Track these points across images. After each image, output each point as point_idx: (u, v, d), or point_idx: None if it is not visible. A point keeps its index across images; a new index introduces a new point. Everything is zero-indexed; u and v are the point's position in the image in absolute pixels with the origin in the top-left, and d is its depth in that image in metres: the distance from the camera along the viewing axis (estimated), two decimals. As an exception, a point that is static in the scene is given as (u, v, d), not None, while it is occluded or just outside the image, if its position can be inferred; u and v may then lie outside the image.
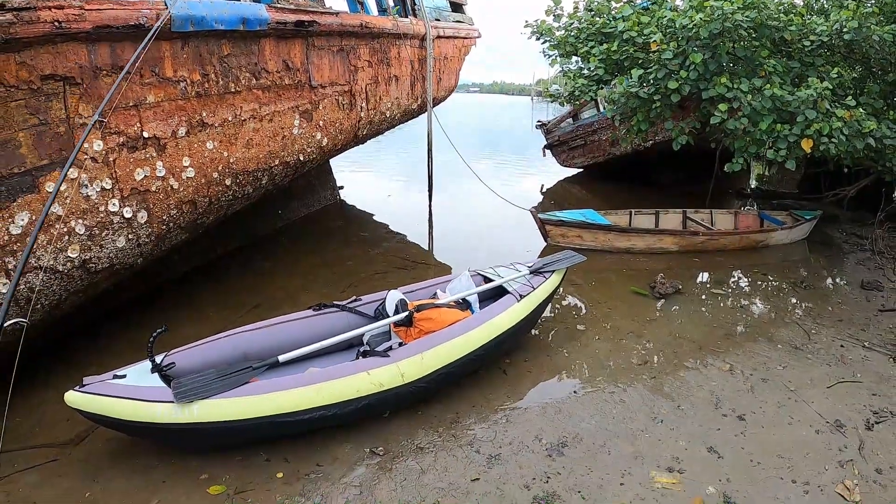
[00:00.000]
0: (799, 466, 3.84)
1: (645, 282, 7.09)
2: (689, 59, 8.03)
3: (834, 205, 10.39)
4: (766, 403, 4.58)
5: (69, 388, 3.54)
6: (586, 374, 5.04)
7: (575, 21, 10.38)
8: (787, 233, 8.91)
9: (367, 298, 5.00)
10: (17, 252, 3.82)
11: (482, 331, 4.46)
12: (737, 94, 7.83)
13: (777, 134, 7.65)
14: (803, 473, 3.78)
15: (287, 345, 4.27)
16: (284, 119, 5.87)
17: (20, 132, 3.75)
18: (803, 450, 4.02)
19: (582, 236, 8.34)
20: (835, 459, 3.93)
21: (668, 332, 5.85)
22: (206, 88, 4.93)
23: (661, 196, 11.42)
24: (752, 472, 3.78)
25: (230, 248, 7.67)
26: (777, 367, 5.17)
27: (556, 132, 14.33)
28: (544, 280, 5.34)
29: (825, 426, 4.30)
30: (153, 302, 6.07)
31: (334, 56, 6.42)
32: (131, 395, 3.45)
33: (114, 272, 4.62)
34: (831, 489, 3.64)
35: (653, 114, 8.71)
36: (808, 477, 3.74)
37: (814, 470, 3.81)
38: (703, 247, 8.50)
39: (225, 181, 5.33)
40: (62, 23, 3.76)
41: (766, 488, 3.63)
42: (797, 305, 6.68)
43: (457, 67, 10.63)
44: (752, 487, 3.63)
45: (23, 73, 3.68)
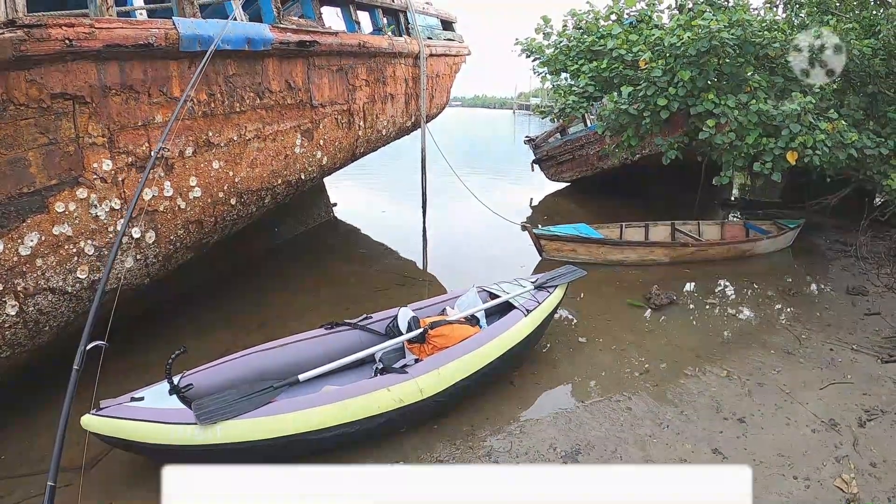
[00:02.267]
0: (799, 464, 4.02)
1: (639, 293, 7.20)
2: (677, 76, 8.20)
3: (817, 213, 10.60)
4: (764, 406, 4.75)
5: (77, 409, 3.48)
6: (592, 384, 5.13)
7: (564, 39, 10.52)
8: (772, 241, 9.10)
9: (377, 316, 5.03)
10: (26, 273, 3.77)
11: (494, 345, 4.53)
12: (724, 109, 8.03)
13: (763, 147, 7.85)
14: (803, 470, 3.96)
15: (302, 363, 4.28)
16: (287, 138, 5.89)
17: (30, 151, 3.73)
18: (802, 448, 4.20)
19: (576, 250, 8.44)
20: (832, 456, 4.13)
21: (666, 341, 5.98)
22: (213, 108, 4.94)
23: (648, 207, 11.59)
24: (757, 472, 3.93)
25: (229, 265, 7.63)
26: (772, 371, 5.34)
27: (544, 147, 14.48)
28: (548, 295, 5.42)
29: (821, 425, 4.49)
30: (155, 322, 6.00)
31: (334, 75, 6.46)
32: (152, 418, 3.42)
33: (121, 293, 4.57)
34: (830, 483, 3.84)
35: (642, 129, 8.88)
36: (807, 473, 3.94)
37: (813, 466, 4.00)
38: (692, 257, 8.65)
39: (230, 200, 5.32)
40: (73, 41, 3.76)
41: (770, 485, 3.80)
42: (786, 312, 6.84)
43: (448, 84, 10.72)
44: (757, 486, 3.77)
45: (33, 91, 3.67)
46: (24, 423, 4.27)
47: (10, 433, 4.19)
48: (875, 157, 7.84)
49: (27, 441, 4.11)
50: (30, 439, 4.12)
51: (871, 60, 8.28)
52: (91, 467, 3.85)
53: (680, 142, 9.12)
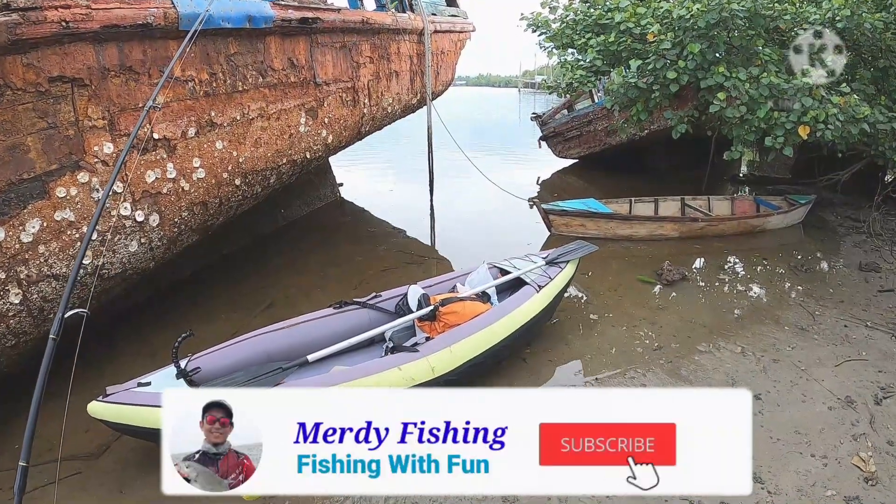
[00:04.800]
0: (816, 442, 3.98)
1: (649, 269, 7.13)
2: (686, 48, 8.05)
3: (828, 189, 10.47)
4: (780, 383, 4.70)
5: (85, 396, 3.47)
6: (605, 360, 5.09)
7: (570, 13, 10.33)
8: (783, 217, 9.00)
9: (386, 294, 4.95)
10: (28, 261, 3.72)
11: (506, 322, 4.47)
12: (735, 82, 7.86)
13: (775, 121, 7.71)
14: (820, 448, 3.92)
15: (310, 344, 4.21)
16: (291, 117, 5.79)
17: (28, 136, 3.64)
18: (818, 425, 4.16)
19: (585, 225, 8.38)
20: (848, 434, 4.08)
21: (678, 317, 5.92)
22: (215, 88, 4.84)
23: (657, 183, 11.45)
24: (774, 449, 3.91)
25: (235, 247, 7.58)
26: (786, 347, 5.28)
27: (551, 124, 14.30)
28: (560, 270, 5.34)
29: (837, 403, 4.44)
30: (161, 305, 5.96)
31: (337, 53, 6.34)
32: (159, 403, 3.37)
33: (126, 277, 4.53)
34: (848, 461, 3.81)
35: (651, 103, 8.71)
36: (825, 451, 3.89)
37: (830, 444, 3.96)
38: (702, 233, 8.57)
39: (235, 181, 5.24)
40: (69, 23, 3.66)
41: (788, 463, 3.77)
42: (799, 288, 6.77)
43: (453, 61, 10.58)
44: (775, 463, 3.76)
45: (30, 75, 3.58)
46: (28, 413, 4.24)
47: (20, 423, 4.16)
48: (887, 132, 7.69)
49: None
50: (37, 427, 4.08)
51: (882, 34, 8.09)
52: (100, 455, 3.84)
53: (690, 116, 8.96)
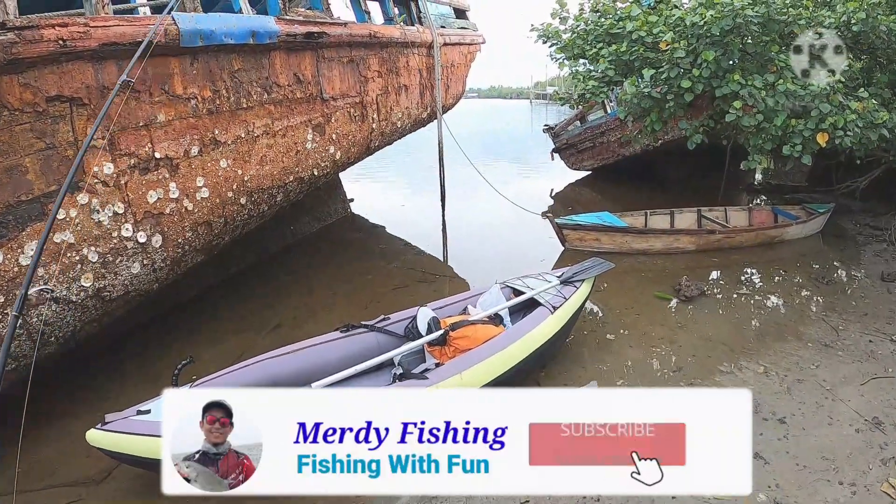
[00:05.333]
0: (843, 467, 3.81)
1: (666, 284, 6.97)
2: (700, 56, 7.94)
3: (846, 196, 10.26)
4: (805, 404, 4.52)
5: (87, 419, 3.44)
6: (623, 383, 4.94)
7: (581, 23, 10.26)
8: (801, 227, 8.81)
9: (395, 317, 4.81)
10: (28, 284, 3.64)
11: (519, 346, 4.30)
12: (751, 90, 7.75)
13: (792, 129, 7.58)
14: (849, 474, 3.75)
15: (317, 369, 4.08)
16: (297, 134, 5.71)
17: (26, 157, 3.60)
18: (845, 450, 3.98)
19: (600, 239, 8.22)
20: (877, 458, 3.90)
21: (697, 336, 5.74)
22: (218, 105, 4.77)
23: (671, 194, 11.29)
24: (800, 477, 3.73)
25: (243, 266, 7.50)
26: (810, 366, 5.09)
27: (563, 135, 14.19)
28: (575, 290, 5.18)
29: (864, 424, 4.26)
30: (167, 325, 5.87)
31: (344, 67, 6.27)
32: (158, 432, 3.25)
33: (129, 300, 4.45)
34: (877, 488, 3.63)
35: (666, 113, 8.62)
36: (853, 477, 3.72)
37: (858, 470, 3.79)
38: (719, 245, 8.39)
39: (240, 200, 5.16)
40: (66, 41, 3.62)
41: (815, 492, 3.60)
42: (820, 301, 6.58)
43: (464, 74, 10.51)
44: (802, 492, 3.59)
45: (27, 94, 3.54)
46: (31, 435, 4.16)
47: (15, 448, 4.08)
48: None
49: (34, 453, 3.99)
50: (37, 451, 4.00)
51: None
52: (100, 481, 3.74)
53: (705, 125, 8.86)
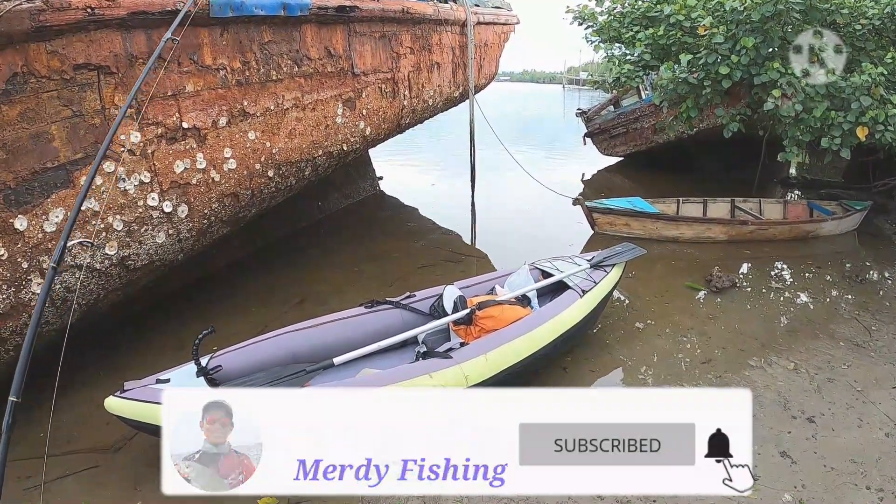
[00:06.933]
0: (871, 472, 3.69)
1: (696, 273, 6.83)
2: (739, 43, 7.73)
3: (882, 194, 9.93)
4: (835, 405, 4.39)
5: (108, 387, 3.41)
6: (650, 373, 4.84)
7: (618, 5, 10.05)
8: (837, 223, 8.53)
9: (421, 294, 4.74)
10: (51, 251, 3.65)
11: (547, 328, 4.21)
12: (790, 79, 7.52)
13: (831, 121, 7.37)
14: (877, 479, 3.63)
15: (339, 344, 4.03)
16: (327, 108, 5.64)
17: (53, 125, 3.57)
18: (875, 454, 3.86)
19: (630, 224, 8.11)
20: None
21: (727, 328, 5.61)
22: (247, 76, 4.71)
23: (704, 184, 10.99)
24: (827, 479, 3.63)
25: (270, 239, 7.52)
26: (841, 365, 4.95)
27: (596, 120, 13.96)
28: (605, 274, 5.06)
29: (894, 429, 4.12)
30: (193, 297, 5.91)
31: (376, 42, 6.17)
32: None
33: (153, 269, 4.46)
34: None
35: (702, 100, 8.50)
36: (881, 483, 3.60)
37: (887, 475, 3.67)
38: (751, 237, 8.19)
39: (267, 172, 5.12)
40: (95, 9, 3.57)
41: (841, 496, 3.50)
42: (854, 300, 6.38)
43: (497, 54, 10.34)
44: (828, 496, 3.49)
45: (54, 62, 3.50)
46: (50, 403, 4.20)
47: (44, 412, 4.12)
48: None
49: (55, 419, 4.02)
50: (58, 417, 4.03)
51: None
52: (118, 449, 3.77)
53: (742, 114, 8.64)
